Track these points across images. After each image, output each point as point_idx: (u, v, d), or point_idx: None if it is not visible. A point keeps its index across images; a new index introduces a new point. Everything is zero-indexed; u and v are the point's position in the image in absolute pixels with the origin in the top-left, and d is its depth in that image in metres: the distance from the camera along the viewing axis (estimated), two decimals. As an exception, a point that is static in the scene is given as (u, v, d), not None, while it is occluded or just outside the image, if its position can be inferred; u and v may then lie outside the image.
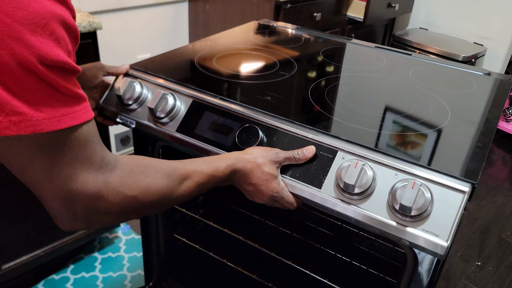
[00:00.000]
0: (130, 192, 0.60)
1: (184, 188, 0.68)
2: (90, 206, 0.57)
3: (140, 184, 0.62)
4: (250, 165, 0.75)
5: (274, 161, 0.76)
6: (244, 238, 1.05)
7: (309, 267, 1.00)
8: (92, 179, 0.56)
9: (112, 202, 0.59)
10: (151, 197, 0.63)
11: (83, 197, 0.56)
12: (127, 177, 0.61)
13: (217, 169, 0.72)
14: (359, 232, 1.22)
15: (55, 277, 1.59)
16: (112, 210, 0.59)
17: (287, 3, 1.93)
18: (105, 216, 0.60)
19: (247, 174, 0.75)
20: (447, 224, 0.64)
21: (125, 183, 0.60)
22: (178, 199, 0.68)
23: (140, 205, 0.62)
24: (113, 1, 1.95)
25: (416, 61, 1.19)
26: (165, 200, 0.66)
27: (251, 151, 0.76)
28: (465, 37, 2.70)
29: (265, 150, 0.77)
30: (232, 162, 0.74)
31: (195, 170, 0.70)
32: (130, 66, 0.99)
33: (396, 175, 0.69)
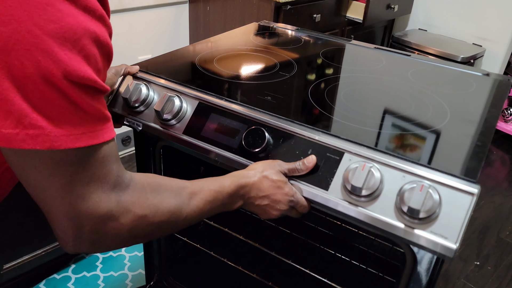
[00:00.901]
0: (140, 211, 0.59)
1: (193, 206, 0.67)
2: (98, 228, 0.55)
3: (151, 203, 0.60)
4: (257, 178, 0.74)
5: (279, 170, 0.76)
6: (244, 238, 1.06)
7: (309, 266, 1.01)
8: (105, 199, 0.54)
9: (122, 223, 0.57)
10: (160, 217, 0.62)
11: (93, 217, 0.54)
12: (138, 195, 0.59)
13: (223, 185, 0.72)
14: (358, 231, 1.23)
15: (56, 276, 1.60)
16: (120, 232, 0.58)
17: (287, 4, 1.94)
18: (112, 240, 0.58)
19: (256, 188, 0.74)
20: (456, 226, 0.65)
21: (136, 202, 0.59)
22: (187, 219, 0.67)
23: (149, 225, 0.61)
24: (114, 2, 1.96)
25: (415, 62, 1.20)
26: (174, 220, 0.65)
27: (253, 167, 0.76)
28: (464, 38, 2.71)
29: (268, 163, 0.77)
30: (237, 178, 0.74)
31: (202, 187, 0.70)
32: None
33: (403, 177, 0.69)
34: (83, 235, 0.55)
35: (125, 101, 0.92)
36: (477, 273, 1.78)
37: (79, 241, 0.56)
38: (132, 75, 0.97)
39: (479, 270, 1.80)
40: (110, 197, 0.55)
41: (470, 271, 1.79)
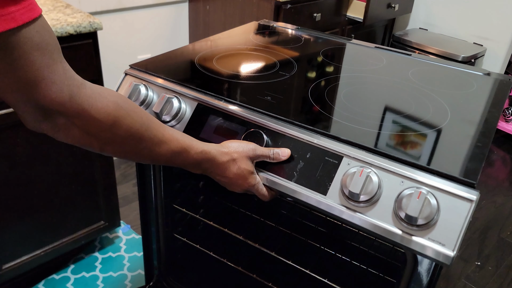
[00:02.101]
0: (97, 114, 0.59)
1: (155, 145, 0.68)
2: (53, 117, 0.56)
3: (110, 112, 0.61)
4: (225, 158, 0.76)
5: (249, 156, 0.77)
6: (244, 238, 1.06)
7: (309, 266, 1.00)
8: (56, 89, 0.54)
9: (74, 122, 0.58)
10: (118, 130, 0.62)
11: (47, 105, 0.55)
12: (97, 97, 0.59)
13: (191, 147, 0.72)
14: (358, 232, 1.23)
15: (55, 277, 1.60)
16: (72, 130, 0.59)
17: (287, 3, 1.94)
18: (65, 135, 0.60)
19: (221, 167, 0.76)
20: (454, 233, 0.64)
21: (93, 105, 0.59)
22: (143, 151, 0.67)
23: (102, 132, 0.61)
24: (114, 2, 1.96)
25: (415, 61, 1.20)
26: (131, 143, 0.65)
27: (227, 145, 0.77)
28: (465, 38, 2.70)
29: (242, 145, 0.77)
30: (209, 149, 0.74)
31: (173, 135, 0.70)
32: (130, 66, 0.99)
33: (402, 182, 0.69)
34: (41, 127, 0.57)
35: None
36: (478, 273, 1.78)
37: (38, 125, 0.58)
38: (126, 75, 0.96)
39: (480, 270, 1.79)
40: (62, 89, 0.55)
41: (471, 271, 1.79)
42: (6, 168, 1.28)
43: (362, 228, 0.70)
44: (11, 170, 1.29)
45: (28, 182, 1.34)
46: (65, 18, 1.28)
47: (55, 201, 1.43)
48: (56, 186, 1.41)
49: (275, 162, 0.78)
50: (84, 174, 1.47)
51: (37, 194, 1.37)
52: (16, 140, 1.26)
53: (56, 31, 1.21)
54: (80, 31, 1.26)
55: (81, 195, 1.50)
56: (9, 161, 1.27)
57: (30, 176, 1.33)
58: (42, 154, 1.34)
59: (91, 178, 1.50)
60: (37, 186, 1.36)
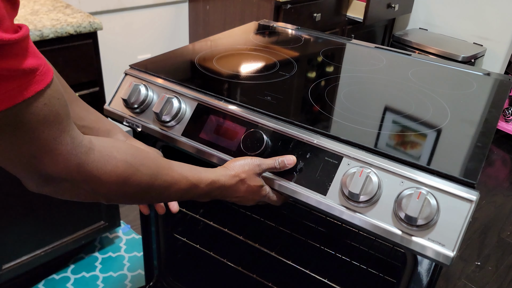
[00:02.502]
0: (106, 178, 0.57)
1: (164, 190, 0.67)
2: (57, 182, 0.54)
3: (120, 173, 0.59)
4: (234, 180, 0.75)
5: (257, 173, 0.77)
6: (244, 238, 1.06)
7: (309, 266, 1.00)
8: (62, 160, 0.51)
9: (84, 188, 0.56)
10: (128, 188, 0.61)
11: (51, 174, 0.52)
12: (107, 160, 0.57)
13: (200, 181, 0.72)
14: (359, 232, 1.23)
15: (55, 277, 1.60)
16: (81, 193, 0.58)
17: (287, 3, 1.94)
18: (72, 197, 0.58)
19: (231, 190, 0.76)
20: (454, 233, 0.64)
21: (102, 169, 0.56)
22: (153, 198, 0.68)
23: (111, 192, 0.60)
24: (114, 2, 1.96)
25: (415, 61, 1.20)
26: (141, 195, 0.65)
27: (233, 166, 0.76)
28: (465, 38, 2.70)
29: (247, 163, 0.77)
30: (217, 177, 0.74)
31: (181, 174, 0.69)
32: (130, 66, 0.99)
33: (402, 183, 0.69)
34: (43, 190, 0.55)
35: (124, 102, 0.92)
36: (478, 273, 1.78)
37: (40, 189, 0.55)
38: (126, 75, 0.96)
39: (480, 270, 1.79)
40: (69, 160, 0.52)
41: (471, 271, 1.79)
42: (6, 168, 1.28)
43: (362, 228, 0.70)
44: (11, 170, 1.29)
45: (28, 182, 1.34)
46: (65, 18, 1.28)
47: (55, 201, 1.43)
48: (56, 186, 1.41)
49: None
50: (84, 174, 1.47)
51: (37, 194, 1.37)
52: (16, 140, 1.26)
53: (56, 31, 1.21)
54: (80, 31, 1.26)
55: (81, 195, 1.50)
56: (9, 161, 1.27)
57: (30, 176, 1.33)
58: (42, 154, 1.33)
59: (91, 178, 1.50)
60: (37, 186, 1.36)
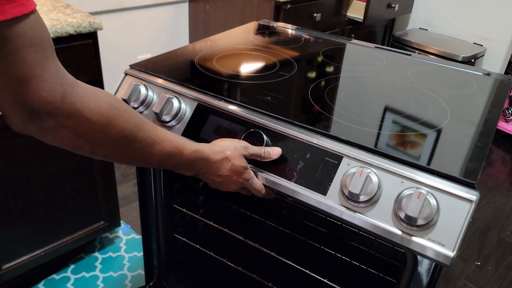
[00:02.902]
0: (89, 115, 0.57)
1: (148, 146, 0.66)
2: (42, 118, 0.54)
3: (103, 112, 0.58)
4: (219, 156, 0.75)
5: (243, 154, 0.77)
6: (244, 238, 1.06)
7: (309, 266, 1.00)
8: (48, 88, 0.52)
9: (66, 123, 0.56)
10: (110, 132, 0.60)
11: (37, 105, 0.52)
12: (91, 97, 0.57)
13: (184, 148, 0.71)
14: (359, 232, 1.23)
15: (55, 277, 1.60)
16: (63, 131, 0.57)
17: (287, 3, 1.94)
18: (54, 137, 0.58)
19: (215, 166, 0.75)
20: (454, 233, 0.64)
21: (86, 104, 0.56)
22: (136, 153, 0.65)
23: (94, 134, 0.59)
24: (114, 2, 1.96)
25: (415, 61, 1.20)
26: (124, 145, 0.63)
27: (219, 143, 0.77)
28: (465, 38, 2.70)
29: (234, 143, 0.77)
30: (202, 148, 0.73)
31: (165, 136, 0.68)
32: (130, 66, 0.99)
33: (402, 183, 0.69)
34: (28, 128, 0.55)
35: (124, 102, 0.92)
36: (478, 273, 1.78)
37: (24, 127, 0.55)
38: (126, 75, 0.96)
39: (480, 270, 1.79)
40: (54, 88, 0.53)
41: (471, 271, 1.79)
42: (6, 168, 1.28)
43: (362, 228, 0.70)
44: (11, 170, 1.29)
45: (28, 182, 1.34)
46: (65, 18, 1.28)
47: (55, 201, 1.43)
48: (56, 186, 1.41)
49: (267, 160, 0.78)
50: (84, 174, 1.47)
51: (37, 194, 1.37)
52: (16, 140, 1.26)
53: (56, 31, 1.21)
54: (80, 31, 1.26)
55: (81, 195, 1.50)
56: (9, 161, 1.27)
57: (30, 176, 1.33)
58: (42, 154, 1.34)
59: (91, 178, 1.50)
60: (37, 186, 1.36)
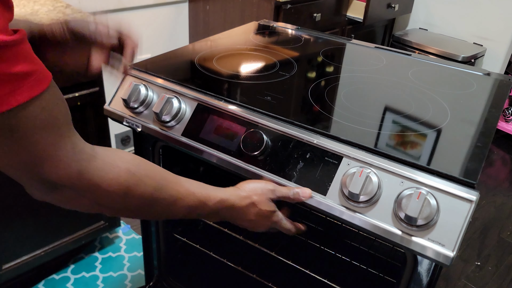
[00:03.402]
0: (108, 187, 0.56)
1: (170, 205, 0.65)
2: (60, 189, 0.54)
3: (122, 183, 0.57)
4: (245, 202, 0.73)
5: (269, 198, 0.75)
6: (244, 238, 1.06)
7: (309, 267, 1.00)
8: (63, 166, 0.51)
9: (87, 197, 0.55)
10: (131, 200, 0.59)
11: (53, 180, 0.52)
12: (109, 169, 0.56)
13: (209, 199, 0.69)
14: (359, 232, 1.23)
15: (55, 277, 1.60)
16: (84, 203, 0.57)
17: (287, 3, 1.94)
18: (74, 207, 0.57)
19: (241, 213, 0.73)
20: (454, 233, 0.64)
21: (104, 178, 0.55)
22: (158, 212, 0.65)
23: (114, 203, 0.58)
24: (114, 2, 1.96)
25: (415, 61, 1.20)
26: (145, 208, 0.62)
27: (245, 187, 0.74)
28: (465, 38, 2.70)
29: (261, 186, 0.75)
30: (227, 197, 0.71)
31: (188, 190, 0.66)
32: (130, 66, 0.99)
33: (402, 183, 0.69)
34: (47, 198, 0.55)
35: (124, 102, 0.92)
36: (478, 273, 1.78)
37: (45, 197, 0.55)
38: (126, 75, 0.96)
39: (480, 270, 1.79)
40: (70, 166, 0.51)
41: (471, 271, 1.79)
42: (6, 168, 1.27)
43: (362, 228, 0.70)
44: (11, 170, 1.29)
45: (28, 182, 1.34)
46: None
47: (55, 201, 1.43)
48: (56, 186, 1.41)
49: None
50: (84, 174, 1.47)
51: (37, 194, 1.37)
52: (16, 140, 1.26)
53: (56, 31, 1.21)
54: (80, 31, 1.26)
55: (81, 195, 1.50)
56: (9, 161, 1.27)
57: (30, 176, 1.33)
58: (42, 154, 1.33)
59: (91, 178, 1.50)
60: (37, 186, 1.36)
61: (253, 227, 0.77)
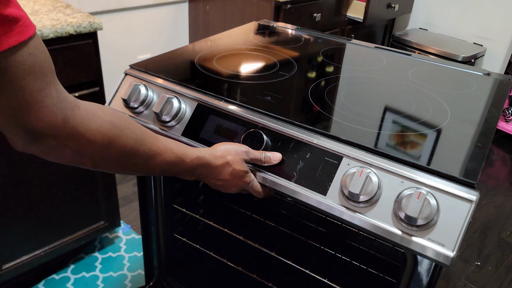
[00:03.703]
0: (91, 136, 0.58)
1: (150, 158, 0.67)
2: (44, 139, 0.55)
3: (105, 133, 0.59)
4: (220, 161, 0.76)
5: (244, 159, 0.78)
6: (244, 238, 1.06)
7: (309, 267, 1.00)
8: (49, 112, 0.52)
9: (67, 145, 0.57)
10: (112, 150, 0.61)
11: (38, 128, 0.53)
12: (92, 118, 0.58)
13: (186, 156, 0.72)
14: (359, 232, 1.23)
15: (55, 277, 1.60)
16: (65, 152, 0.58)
17: (287, 3, 1.94)
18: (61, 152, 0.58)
19: (216, 171, 0.77)
20: (454, 233, 0.64)
21: (87, 126, 0.57)
22: (138, 166, 0.67)
23: (96, 152, 0.60)
24: (114, 2, 1.96)
25: (415, 61, 1.20)
26: (126, 160, 0.64)
27: (220, 148, 0.78)
28: (465, 38, 2.70)
29: (235, 147, 0.78)
30: (203, 154, 0.74)
31: (167, 146, 0.70)
32: (130, 66, 0.99)
33: (402, 183, 0.69)
34: (30, 148, 0.56)
35: (124, 102, 0.92)
36: (477, 273, 1.78)
37: (27, 147, 0.56)
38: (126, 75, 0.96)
39: (480, 270, 1.79)
40: (55, 113, 0.53)
41: (471, 271, 1.79)
42: (6, 168, 1.28)
43: (362, 228, 0.70)
44: (11, 170, 1.29)
45: (28, 182, 1.34)
46: (65, 18, 1.28)
47: (55, 201, 1.43)
48: (56, 186, 1.41)
49: (267, 165, 0.79)
50: (84, 174, 1.47)
51: (37, 194, 1.37)
52: (16, 140, 1.26)
53: (56, 31, 1.21)
54: (80, 31, 1.26)
55: (81, 195, 1.50)
56: (9, 161, 1.27)
57: (30, 176, 1.33)
58: (42, 154, 1.34)
59: (91, 178, 1.50)
60: (37, 186, 1.36)
61: (226, 187, 0.79)
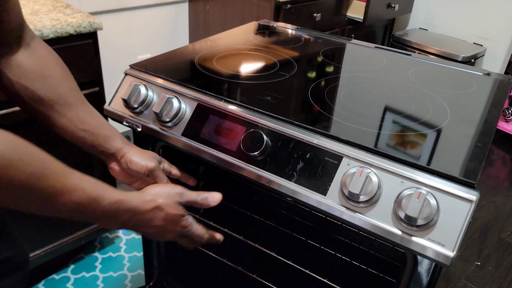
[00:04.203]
0: None
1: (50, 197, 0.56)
2: None
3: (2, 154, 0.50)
4: (149, 205, 0.68)
5: (178, 201, 0.72)
6: (244, 238, 1.06)
7: (309, 266, 1.00)
8: None
9: None
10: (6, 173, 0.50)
11: None
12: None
13: (104, 197, 0.60)
14: (358, 232, 1.23)
15: (55, 277, 1.60)
16: None
17: (287, 3, 1.94)
18: None
19: (146, 217, 0.68)
20: (454, 233, 0.64)
21: None
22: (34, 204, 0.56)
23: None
24: (114, 2, 1.96)
25: (415, 61, 1.20)
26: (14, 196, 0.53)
27: (149, 191, 0.70)
28: (465, 38, 2.70)
29: (167, 189, 0.72)
30: (128, 198, 0.64)
31: (77, 185, 0.58)
32: (130, 66, 0.99)
33: (402, 183, 0.69)
34: None
35: (124, 102, 0.92)
36: (478, 273, 1.78)
37: None
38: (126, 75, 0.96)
39: (480, 270, 1.79)
40: None
41: (471, 271, 1.79)
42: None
43: (362, 228, 0.70)
44: (11, 170, 1.29)
45: (28, 182, 1.34)
46: (65, 18, 1.28)
47: (55, 201, 1.43)
48: (56, 186, 1.41)
49: (205, 208, 0.74)
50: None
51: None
52: (16, 140, 1.26)
53: (56, 31, 1.21)
54: (80, 31, 1.26)
55: (81, 195, 1.50)
56: (9, 161, 1.27)
57: (30, 176, 1.33)
58: (42, 154, 1.33)
59: (91, 178, 1.50)
60: (37, 186, 1.36)
61: (161, 234, 0.72)
